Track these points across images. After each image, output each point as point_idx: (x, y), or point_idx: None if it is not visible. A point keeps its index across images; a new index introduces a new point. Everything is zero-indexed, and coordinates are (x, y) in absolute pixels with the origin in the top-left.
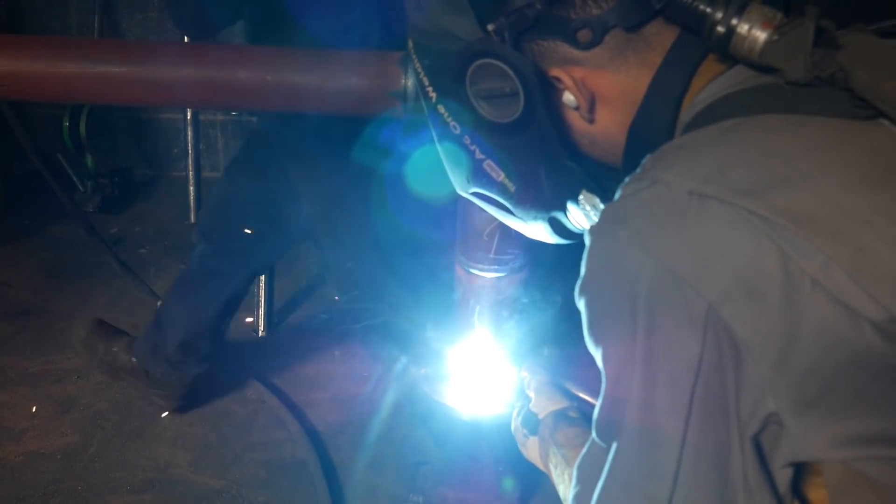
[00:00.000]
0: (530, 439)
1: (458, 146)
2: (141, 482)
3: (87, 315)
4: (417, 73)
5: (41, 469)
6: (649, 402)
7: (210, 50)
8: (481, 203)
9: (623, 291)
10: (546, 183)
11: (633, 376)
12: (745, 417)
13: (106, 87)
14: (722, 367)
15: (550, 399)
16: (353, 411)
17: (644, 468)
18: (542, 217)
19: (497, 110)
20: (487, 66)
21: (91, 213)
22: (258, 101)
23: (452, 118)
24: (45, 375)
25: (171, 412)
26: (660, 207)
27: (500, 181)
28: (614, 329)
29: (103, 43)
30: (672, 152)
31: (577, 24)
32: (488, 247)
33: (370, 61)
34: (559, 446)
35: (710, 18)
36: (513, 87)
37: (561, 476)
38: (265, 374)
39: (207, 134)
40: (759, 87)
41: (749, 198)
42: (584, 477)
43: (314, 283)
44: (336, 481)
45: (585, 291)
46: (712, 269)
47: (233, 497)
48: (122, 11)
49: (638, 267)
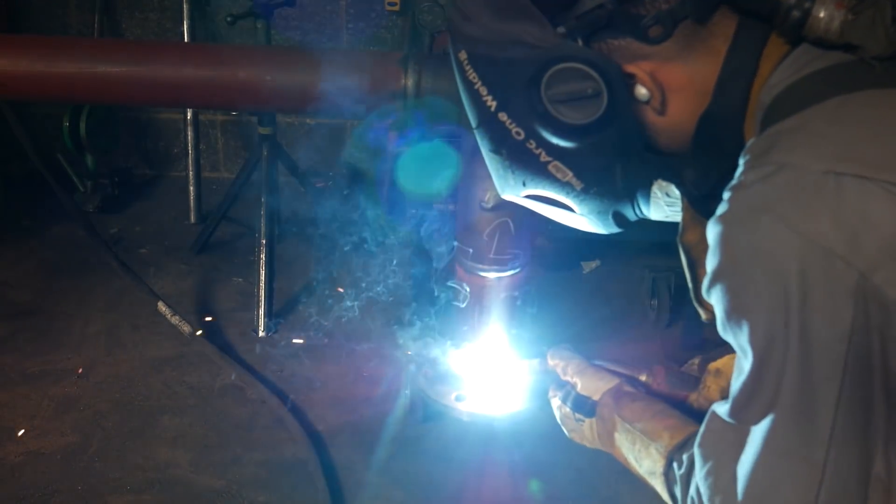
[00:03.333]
0: (586, 422)
1: (519, 152)
2: (141, 482)
3: (86, 315)
4: (471, 84)
5: (41, 469)
6: (807, 373)
7: (210, 50)
8: (533, 204)
9: (773, 272)
10: (620, 176)
11: (788, 351)
12: (890, 371)
13: (106, 87)
14: (869, 329)
15: (600, 380)
16: (353, 411)
17: (803, 434)
18: (607, 210)
19: (576, 112)
20: (567, 70)
21: (91, 213)
22: (258, 101)
23: (517, 125)
24: (45, 375)
25: (170, 412)
26: (798, 190)
27: (566, 181)
28: (764, 309)
29: (103, 43)
30: (788, 136)
31: (649, 20)
32: (489, 247)
33: (370, 61)
34: (630, 422)
35: (784, 3)
36: (595, 88)
37: (645, 450)
38: (265, 374)
39: (207, 134)
40: (842, 64)
41: (886, 171)
42: (712, 453)
43: (314, 283)
44: (336, 481)
45: (724, 278)
46: (861, 240)
47: (233, 497)
48: (122, 11)
49: (788, 248)
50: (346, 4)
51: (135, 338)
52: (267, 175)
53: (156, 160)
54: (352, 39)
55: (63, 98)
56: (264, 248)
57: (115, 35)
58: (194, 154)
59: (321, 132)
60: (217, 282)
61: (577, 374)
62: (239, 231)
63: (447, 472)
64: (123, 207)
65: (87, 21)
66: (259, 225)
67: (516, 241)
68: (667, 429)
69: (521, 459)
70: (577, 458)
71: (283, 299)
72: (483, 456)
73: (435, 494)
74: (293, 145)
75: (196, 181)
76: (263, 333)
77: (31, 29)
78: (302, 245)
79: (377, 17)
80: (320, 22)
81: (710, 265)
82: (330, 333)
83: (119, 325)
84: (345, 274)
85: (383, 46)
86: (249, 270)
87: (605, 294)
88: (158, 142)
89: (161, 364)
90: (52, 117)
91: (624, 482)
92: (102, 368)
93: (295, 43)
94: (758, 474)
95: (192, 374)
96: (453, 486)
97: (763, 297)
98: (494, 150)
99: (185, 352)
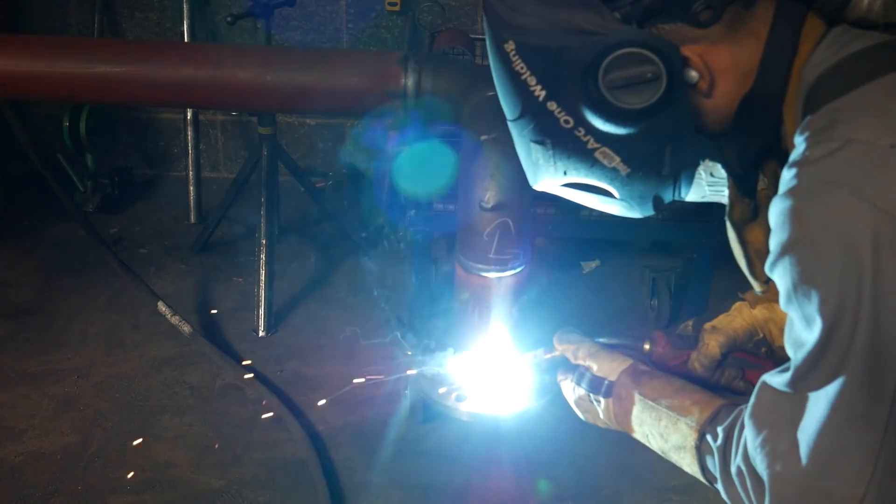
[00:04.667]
0: (602, 402)
1: (565, 140)
2: (141, 482)
3: (86, 315)
4: (517, 75)
5: (41, 469)
6: (877, 336)
7: (210, 50)
8: (568, 192)
9: (846, 242)
10: (669, 159)
11: (859, 318)
12: None
13: (106, 87)
14: None
15: (613, 360)
16: (354, 411)
17: (870, 395)
18: (649, 194)
19: (634, 97)
20: (628, 55)
21: (91, 213)
22: (258, 101)
23: (566, 113)
24: (45, 375)
25: (170, 412)
26: (868, 163)
27: (613, 166)
28: (836, 278)
29: (103, 43)
30: (849, 112)
31: (699, 4)
32: (488, 247)
33: (370, 61)
34: (654, 400)
35: None
36: (655, 72)
37: (673, 426)
38: (265, 374)
39: (207, 134)
40: (888, 43)
41: None
42: (766, 422)
43: (314, 283)
44: (336, 481)
45: (794, 250)
46: None
47: (233, 497)
48: (122, 11)
49: (860, 218)
50: (346, 4)
51: (135, 338)
52: (267, 175)
53: (156, 160)
54: (352, 39)
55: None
56: (264, 248)
57: (115, 35)
58: (194, 154)
59: (321, 132)
60: (217, 282)
61: (590, 358)
62: (239, 231)
63: (447, 473)
64: (123, 207)
65: (87, 21)
66: (259, 225)
67: (516, 240)
68: (694, 404)
69: (522, 459)
70: (578, 457)
71: (283, 299)
72: (483, 456)
73: (435, 494)
74: (293, 145)
75: (196, 181)
76: (263, 333)
77: (31, 29)
78: (302, 245)
79: (377, 17)
80: (320, 22)
81: (778, 239)
82: (330, 333)
83: (119, 325)
84: (345, 274)
85: (383, 46)
86: (249, 270)
87: (605, 294)
88: (158, 142)
89: (161, 364)
90: (52, 117)
91: (625, 481)
92: (102, 368)
93: (295, 43)
94: (823, 439)
95: (192, 374)
96: (453, 486)
97: (835, 267)
98: (538, 140)
99: (185, 352)
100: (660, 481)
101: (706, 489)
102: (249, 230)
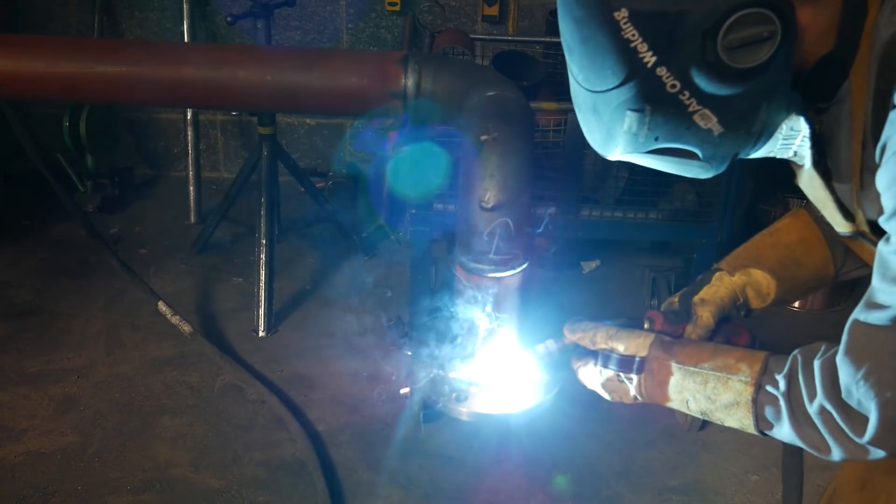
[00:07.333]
0: (636, 379)
1: (668, 105)
2: (141, 482)
3: (86, 315)
4: (626, 42)
5: (41, 469)
6: None
7: (210, 50)
8: (654, 160)
9: None
10: (763, 115)
11: None
12: None
13: (106, 87)
14: None
15: (637, 337)
16: (354, 411)
17: None
18: (731, 154)
19: (747, 56)
20: (749, 15)
21: (91, 213)
22: (258, 101)
23: (674, 77)
24: (45, 375)
25: (170, 412)
26: None
27: (708, 127)
28: None
29: (103, 43)
30: None
31: None
32: (488, 247)
33: (370, 61)
34: (694, 365)
35: None
36: (771, 31)
37: (723, 385)
38: (265, 374)
39: (207, 134)
40: None
41: None
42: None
43: (314, 283)
44: (336, 481)
45: None
46: None
47: (233, 497)
48: (122, 11)
49: None
50: (345, 4)
51: (135, 338)
52: (267, 175)
53: (156, 160)
54: (351, 39)
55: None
56: (264, 248)
57: (115, 35)
58: (194, 154)
59: (321, 132)
60: (217, 282)
61: (612, 340)
62: (239, 231)
63: (447, 472)
64: (123, 207)
65: (87, 21)
66: (259, 225)
67: (516, 240)
68: (739, 360)
69: (522, 459)
70: (577, 457)
71: (283, 299)
72: (483, 456)
73: (434, 494)
74: (293, 145)
75: (196, 181)
76: (263, 333)
77: (31, 29)
78: (302, 245)
79: (377, 17)
80: (320, 22)
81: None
82: (330, 333)
83: (119, 325)
84: (344, 273)
85: (383, 46)
86: (249, 270)
87: (606, 294)
88: (158, 142)
89: (161, 364)
90: (52, 117)
91: (624, 482)
92: (102, 368)
93: (295, 43)
94: None
95: (192, 374)
96: (453, 486)
97: None
98: (638, 107)
99: (185, 352)
100: (660, 482)
101: (706, 489)
102: (249, 230)
